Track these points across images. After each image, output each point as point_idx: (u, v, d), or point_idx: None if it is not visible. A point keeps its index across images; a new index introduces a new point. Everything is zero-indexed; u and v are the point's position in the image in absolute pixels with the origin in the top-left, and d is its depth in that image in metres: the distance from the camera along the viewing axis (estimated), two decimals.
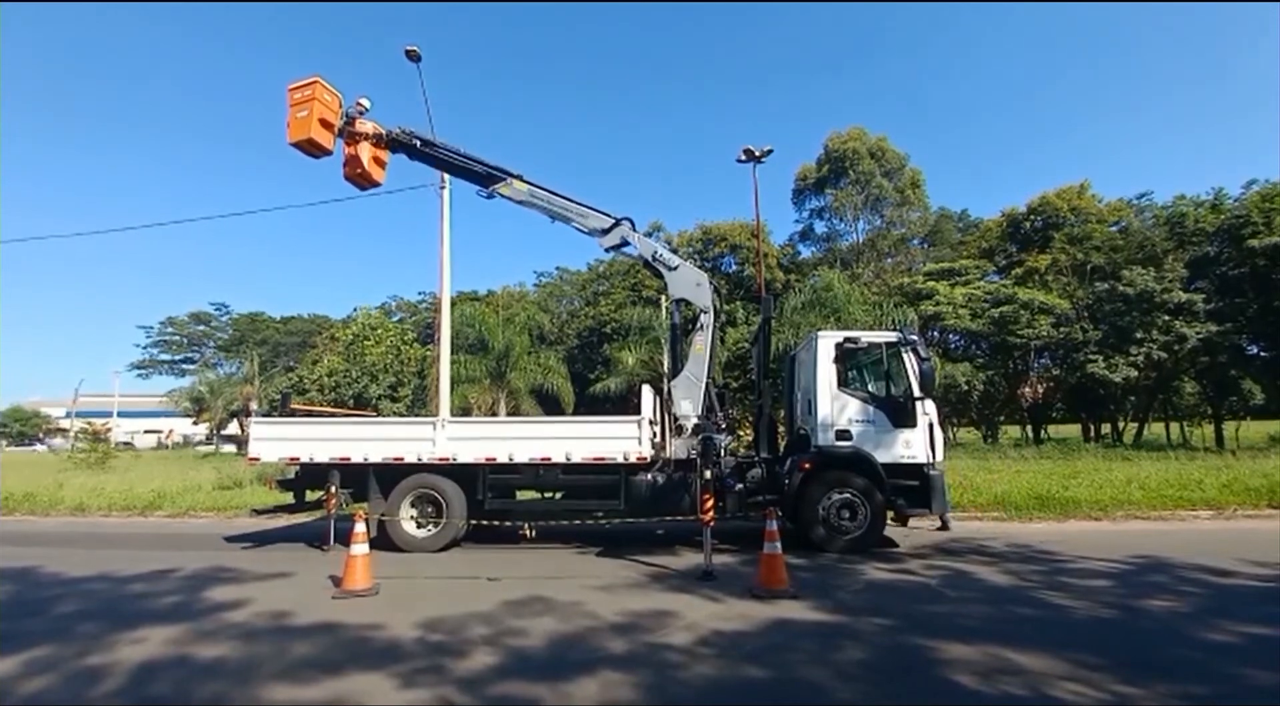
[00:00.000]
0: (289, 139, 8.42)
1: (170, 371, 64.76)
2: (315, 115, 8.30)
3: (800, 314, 22.60)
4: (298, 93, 8.39)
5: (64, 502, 14.49)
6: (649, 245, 9.50)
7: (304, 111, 8.30)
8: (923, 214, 40.07)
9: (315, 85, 8.38)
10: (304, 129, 8.29)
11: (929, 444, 8.07)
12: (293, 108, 8.38)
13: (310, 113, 8.28)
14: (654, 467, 8.38)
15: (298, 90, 8.40)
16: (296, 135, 8.35)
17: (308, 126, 8.28)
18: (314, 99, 8.31)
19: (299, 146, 8.45)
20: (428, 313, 44.72)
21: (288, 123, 8.40)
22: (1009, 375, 29.22)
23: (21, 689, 3.88)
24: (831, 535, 7.86)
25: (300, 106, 8.34)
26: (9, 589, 6.69)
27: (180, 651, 4.53)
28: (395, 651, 4.48)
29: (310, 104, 8.30)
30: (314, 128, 8.30)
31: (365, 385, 27.73)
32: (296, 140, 8.38)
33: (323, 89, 8.44)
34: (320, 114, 8.35)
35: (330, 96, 8.55)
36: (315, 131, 8.32)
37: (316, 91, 8.35)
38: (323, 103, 8.40)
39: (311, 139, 8.32)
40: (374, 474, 8.61)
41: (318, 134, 8.35)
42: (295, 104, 8.37)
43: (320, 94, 8.38)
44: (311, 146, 8.43)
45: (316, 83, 8.40)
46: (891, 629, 4.83)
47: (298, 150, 8.50)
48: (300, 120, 8.31)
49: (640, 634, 4.73)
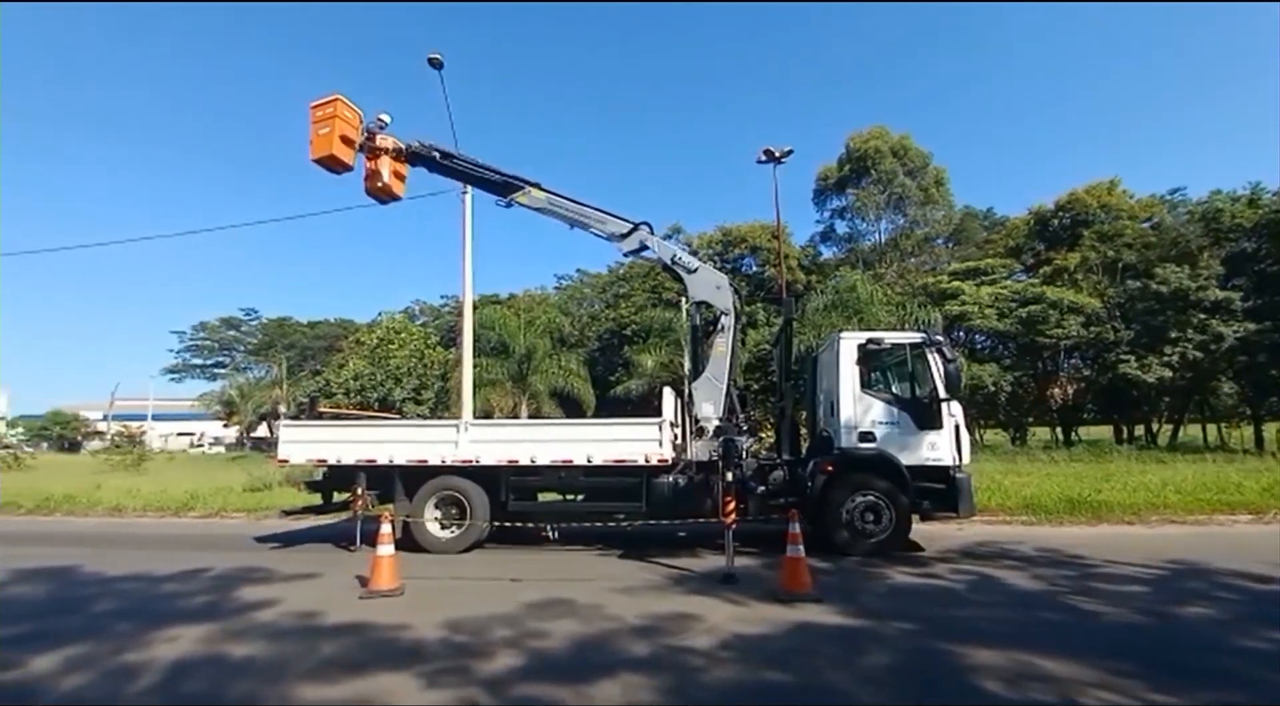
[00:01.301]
0: (312, 156, 8.58)
1: (202, 375, 66.51)
2: (337, 132, 8.45)
3: (822, 315, 22.45)
4: (319, 110, 8.55)
5: (101, 503, 14.95)
6: (668, 249, 9.51)
7: (326, 128, 8.46)
8: (947, 212, 39.41)
9: (336, 102, 8.53)
10: (326, 146, 8.45)
11: (955, 446, 7.94)
12: (315, 125, 8.54)
13: (332, 129, 8.43)
14: (675, 470, 8.37)
15: (319, 108, 8.56)
16: (319, 152, 8.51)
17: (329, 143, 8.43)
18: (335, 116, 8.46)
19: (321, 163, 8.61)
20: (450, 316, 45.23)
21: (310, 140, 8.56)
22: (1038, 376, 28.62)
23: (61, 685, 4.01)
24: (855, 538, 7.78)
25: (322, 123, 8.49)
26: (50, 587, 6.91)
27: (212, 650, 4.64)
28: (420, 651, 4.54)
29: (332, 121, 8.45)
30: (335, 144, 8.45)
31: (390, 388, 28.16)
32: (319, 157, 8.53)
33: (344, 106, 8.59)
34: (341, 131, 8.50)
35: (351, 113, 8.70)
36: (337, 148, 8.47)
37: (338, 108, 8.50)
38: (344, 119, 8.54)
39: (333, 155, 8.47)
40: (399, 475, 8.74)
41: (339, 150, 8.51)
42: (317, 121, 8.53)
43: (341, 111, 8.53)
44: (333, 162, 8.59)
45: (338, 100, 8.56)
46: (916, 633, 4.77)
47: (320, 166, 8.66)
48: (322, 137, 8.46)
49: (661, 636, 4.73)
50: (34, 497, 15.55)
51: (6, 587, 6.88)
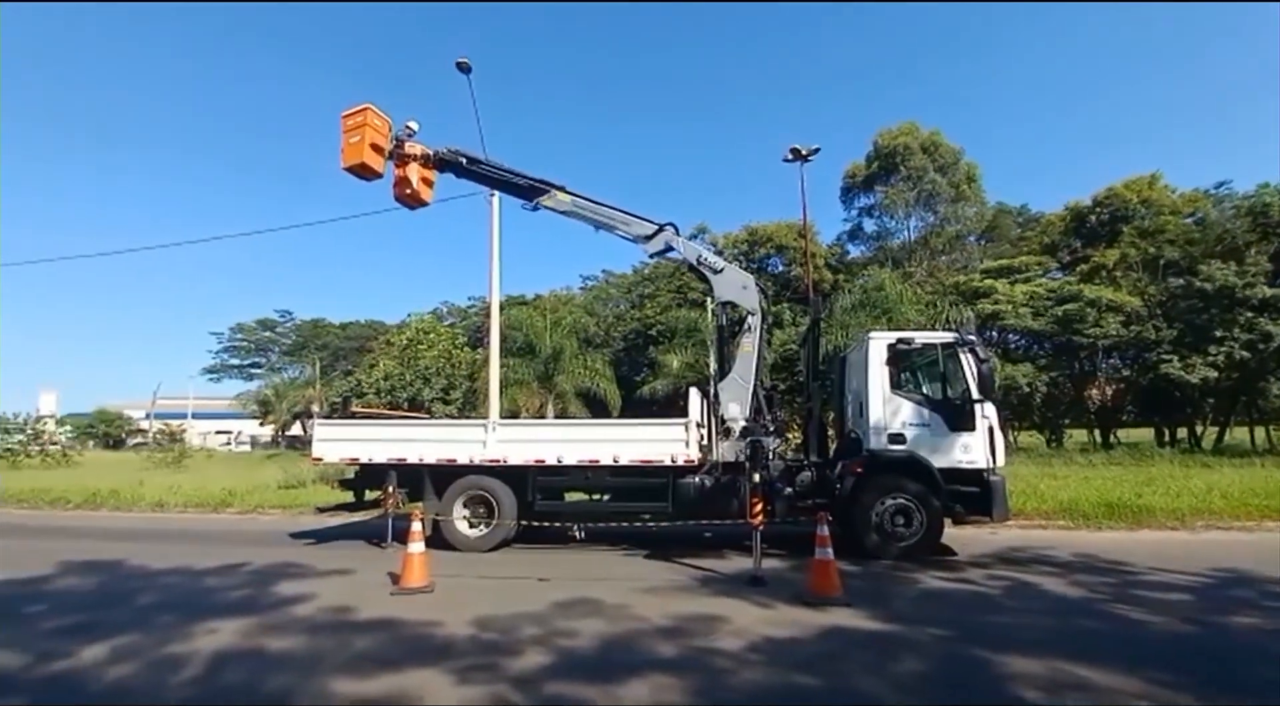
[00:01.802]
0: (343, 164, 8.75)
1: (239, 375, 68.50)
2: (367, 140, 8.61)
3: (850, 314, 22.15)
4: (350, 119, 8.72)
5: (145, 499, 15.46)
6: (693, 249, 9.50)
7: (356, 137, 8.63)
8: (979, 209, 38.54)
9: (367, 111, 8.69)
10: (357, 154, 8.61)
11: (989, 448, 7.78)
12: (346, 134, 8.72)
13: (362, 138, 8.60)
14: (702, 470, 8.35)
15: (350, 117, 8.73)
16: (350, 160, 8.68)
17: (360, 151, 8.59)
18: (365, 125, 8.62)
19: (352, 171, 8.78)
20: (477, 317, 45.78)
21: (341, 148, 8.75)
22: (1074, 376, 27.83)
23: (109, 674, 4.16)
24: (885, 541, 7.67)
25: (353, 132, 8.66)
26: (98, 580, 7.18)
27: (250, 643, 4.77)
28: (451, 648, 4.60)
29: (362, 130, 8.61)
30: (366, 152, 8.60)
31: (419, 388, 28.62)
32: (350, 165, 8.70)
33: (373, 115, 8.75)
34: (371, 139, 8.66)
35: (380, 121, 8.86)
36: (367, 156, 8.63)
37: (368, 117, 8.66)
38: (374, 128, 8.70)
39: (364, 163, 8.63)
40: (428, 474, 8.88)
41: (369, 158, 8.66)
42: (348, 130, 8.71)
43: (371, 120, 8.69)
44: (364, 170, 8.75)
45: (368, 109, 8.72)
46: (949, 639, 4.68)
47: (351, 174, 8.84)
48: (353, 145, 8.64)
49: (689, 638, 4.72)
50: (82, 493, 16.16)
51: (58, 580, 7.16)
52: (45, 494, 16.45)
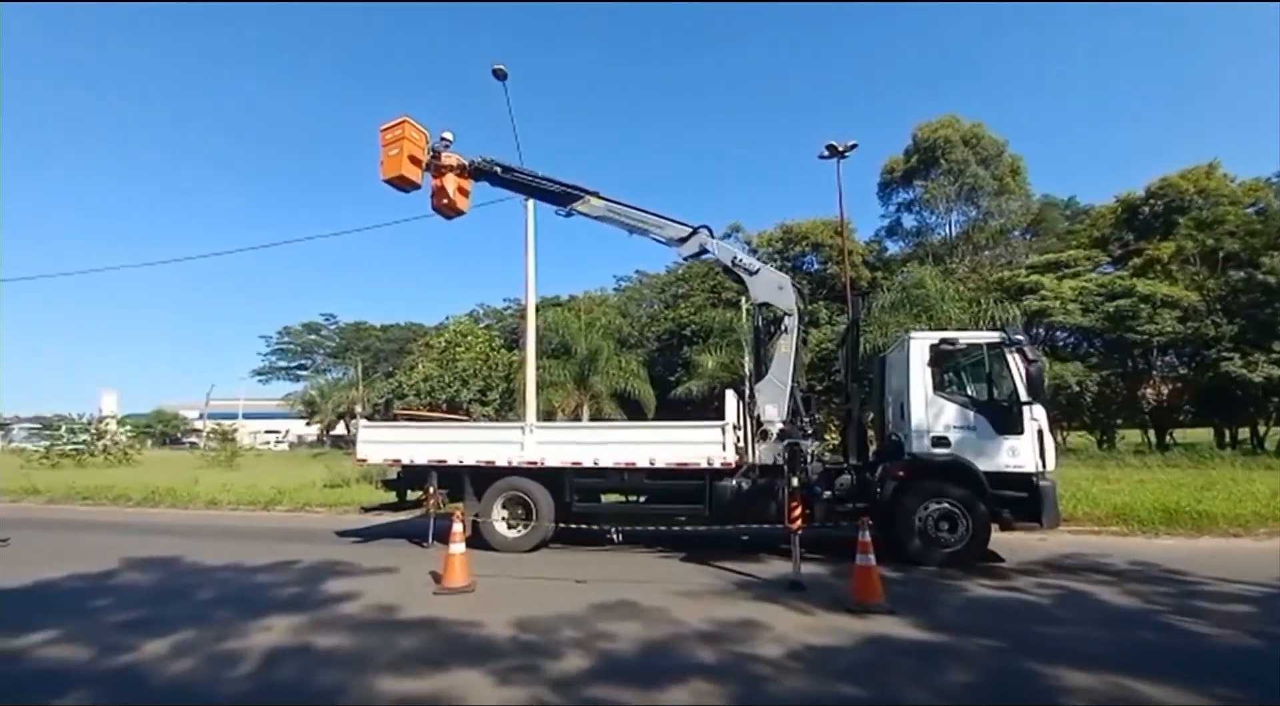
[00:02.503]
0: (382, 176, 8.97)
1: (286, 376, 70.87)
2: (405, 152, 8.81)
3: (889, 313, 21.69)
4: (388, 132, 8.93)
5: (199, 497, 16.11)
6: (728, 251, 9.44)
7: (395, 150, 8.83)
8: (1024, 202, 37.32)
9: (404, 124, 8.89)
10: (396, 166, 8.82)
11: (1038, 452, 7.52)
12: (384, 147, 8.92)
13: (400, 151, 8.80)
14: (739, 473, 8.28)
15: (389, 130, 8.93)
16: (389, 172, 8.89)
17: (399, 164, 8.80)
18: (403, 137, 8.82)
19: (391, 183, 8.99)
20: (512, 318, 46.34)
21: (380, 161, 8.96)
22: (1127, 375, 26.69)
23: (170, 669, 4.34)
24: (929, 547, 7.48)
25: (391, 145, 8.87)
26: (159, 576, 7.51)
27: (302, 640, 4.92)
28: (492, 649, 4.67)
29: (400, 143, 8.81)
30: (404, 164, 8.81)
31: (457, 389, 29.15)
32: (389, 177, 8.91)
33: (411, 127, 8.94)
34: (409, 151, 8.85)
35: (418, 133, 9.04)
36: (405, 168, 8.83)
37: (406, 130, 8.86)
38: (411, 140, 8.89)
39: (402, 175, 8.84)
40: (468, 476, 9.03)
41: (407, 170, 8.86)
42: (387, 143, 8.91)
43: (409, 132, 8.88)
44: (402, 182, 8.96)
45: (405, 122, 8.91)
46: (999, 651, 4.54)
47: (390, 186, 9.05)
48: (392, 158, 8.84)
49: (728, 643, 4.69)
50: (141, 491, 16.94)
51: (121, 575, 7.52)
52: (108, 491, 17.30)
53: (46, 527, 11.93)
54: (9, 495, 16.56)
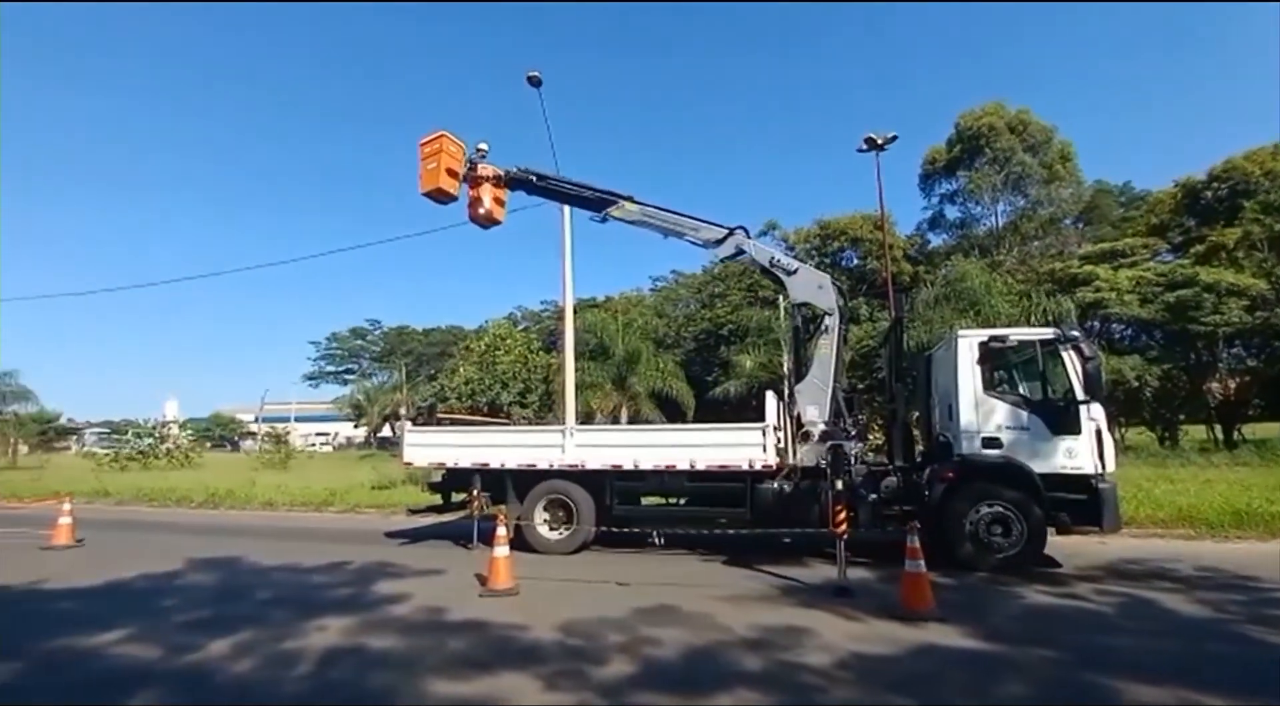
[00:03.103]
0: (421, 189, 9.17)
1: (335, 380, 73.49)
2: (443, 166, 8.98)
3: (933, 309, 21.09)
4: (427, 147, 9.12)
5: (256, 499, 16.78)
6: (765, 252, 9.33)
7: (433, 163, 9.01)
8: (1075, 190, 35.78)
9: (442, 138, 9.07)
10: (434, 179, 9.00)
11: (1097, 452, 7.20)
12: (423, 161, 9.12)
13: (438, 164, 8.98)
14: (780, 475, 8.19)
15: (427, 144, 9.12)
16: (427, 185, 9.08)
17: (437, 177, 8.98)
18: (441, 151, 8.99)
19: (430, 195, 9.18)
20: (549, 320, 46.83)
21: (419, 175, 9.16)
22: (1190, 368, 25.36)
23: (234, 667, 4.52)
24: (981, 552, 7.23)
25: (429, 159, 9.06)
26: (220, 576, 7.84)
27: (355, 641, 5.06)
28: (537, 652, 4.72)
29: (438, 156, 8.99)
30: (442, 177, 8.98)
31: (497, 392, 29.59)
32: (427, 190, 9.10)
33: (448, 141, 9.12)
34: (447, 164, 9.02)
35: (455, 147, 9.21)
36: (444, 181, 9.00)
37: (443, 144, 9.03)
38: (449, 153, 9.06)
39: (440, 188, 9.01)
40: (510, 479, 9.16)
41: (445, 183, 9.03)
42: (425, 157, 9.11)
43: (446, 146, 9.06)
44: (440, 195, 9.14)
45: (443, 136, 9.10)
46: (1059, 662, 4.36)
47: (429, 199, 9.25)
48: (430, 171, 9.03)
49: (774, 651, 4.63)
50: (203, 492, 17.74)
51: (186, 575, 7.87)
52: (172, 493, 18.18)
53: (117, 528, 12.58)
54: (82, 497, 17.50)
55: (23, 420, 42.45)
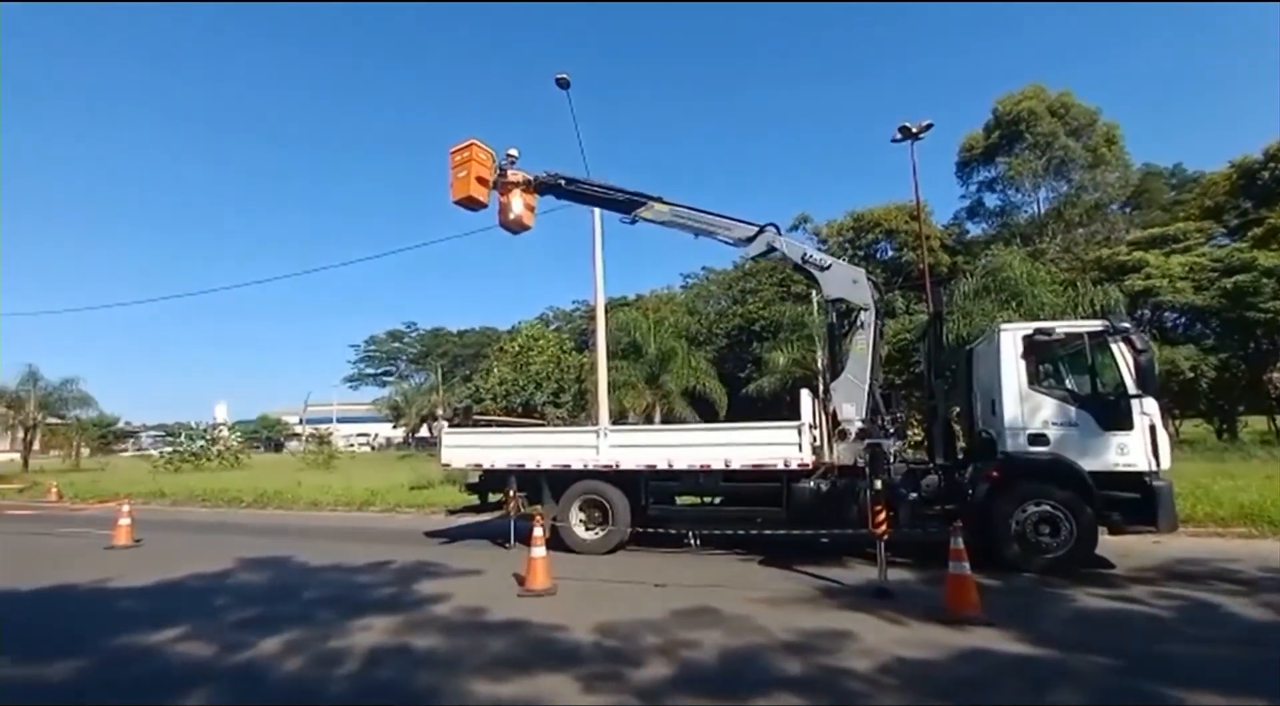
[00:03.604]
0: (452, 197, 9.31)
1: (374, 382, 75.30)
2: (473, 174, 9.10)
3: (972, 300, 20.50)
4: (457, 155, 9.25)
5: (302, 499, 17.31)
6: (797, 248, 9.20)
7: (463, 171, 9.14)
8: (1122, 173, 34.41)
9: (472, 147, 9.19)
10: (465, 187, 9.12)
11: (1151, 448, 6.91)
12: (454, 169, 9.26)
13: (469, 172, 9.10)
14: (817, 474, 8.08)
15: (457, 153, 9.26)
16: (459, 193, 9.21)
17: (467, 185, 9.10)
18: (471, 159, 9.12)
19: (461, 203, 9.31)
20: (581, 319, 47.11)
21: (450, 183, 9.30)
22: (1250, 357, 24.17)
23: (285, 666, 4.66)
24: (1028, 553, 7.00)
25: (460, 167, 9.19)
26: (270, 575, 8.10)
27: (399, 640, 5.17)
28: (576, 654, 4.75)
29: (468, 164, 9.11)
30: (473, 185, 9.10)
31: (531, 392, 29.96)
32: (458, 198, 9.24)
33: (478, 149, 9.23)
34: (477, 172, 9.14)
35: (485, 154, 9.33)
36: (474, 188, 9.12)
37: (473, 152, 9.16)
38: (479, 161, 9.18)
39: (471, 196, 9.13)
40: (545, 479, 9.24)
41: (476, 190, 9.15)
42: (456, 165, 9.25)
43: (476, 154, 9.18)
44: (471, 202, 9.26)
45: (473, 144, 9.21)
46: (1115, 669, 4.19)
47: (460, 206, 9.38)
48: (461, 179, 9.16)
49: (815, 655, 4.56)
50: (252, 493, 18.39)
51: (238, 574, 8.16)
52: (223, 493, 18.89)
53: (172, 529, 13.12)
54: (140, 498, 18.31)
55: (84, 424, 44.52)
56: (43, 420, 36.54)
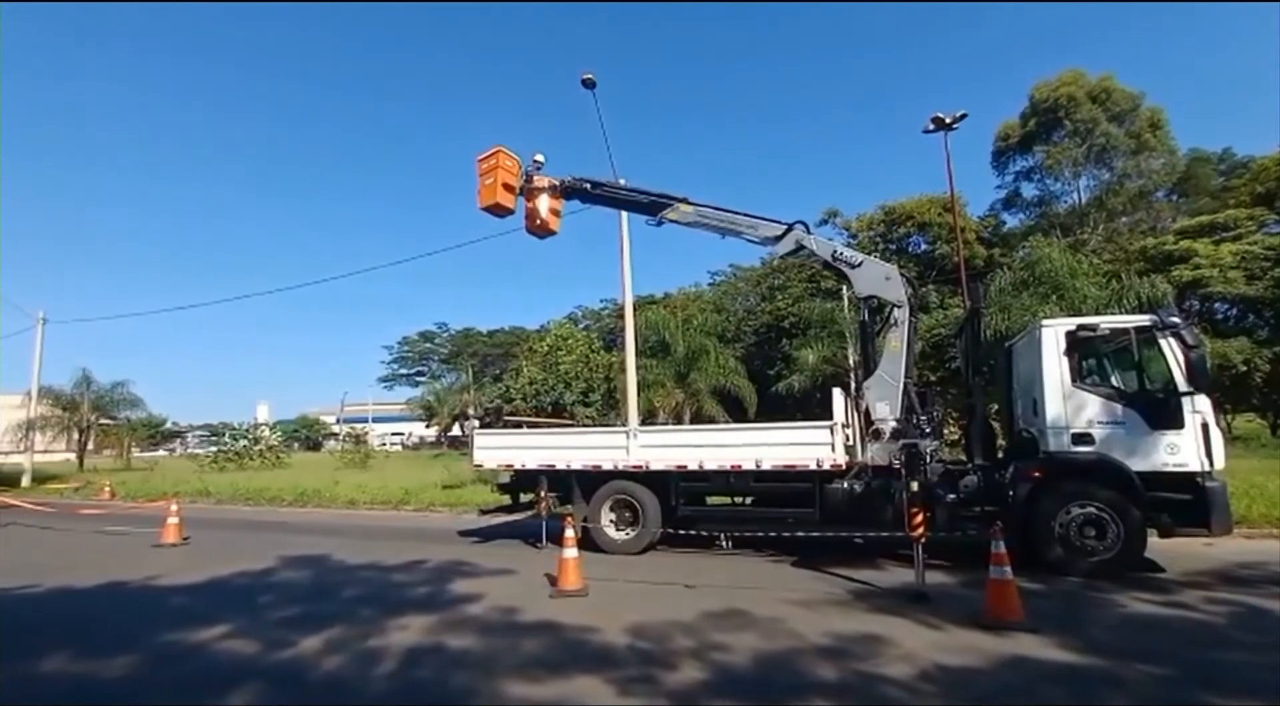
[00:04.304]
0: (480, 205, 9.41)
1: (407, 382, 76.78)
2: (500, 181, 9.19)
3: (1011, 294, 19.92)
4: (484, 163, 9.35)
5: (340, 498, 17.72)
6: (826, 246, 9.06)
7: (490, 179, 9.24)
8: (1168, 160, 33.11)
9: (498, 154, 9.28)
10: (492, 195, 9.23)
11: (1203, 448, 6.63)
12: (481, 177, 9.36)
13: (495, 179, 9.20)
14: (850, 475, 7.95)
15: (484, 161, 9.36)
16: (486, 201, 9.32)
17: (494, 192, 9.20)
18: (498, 167, 9.21)
19: (488, 210, 9.42)
20: (610, 318, 47.24)
21: (478, 190, 9.40)
22: None
23: (326, 664, 4.77)
24: (1072, 556, 6.79)
25: (486, 175, 9.29)
26: (310, 573, 8.30)
27: (435, 640, 5.25)
28: (609, 656, 4.76)
29: (495, 172, 9.21)
30: (500, 192, 9.20)
31: (561, 392, 30.17)
32: (486, 205, 9.34)
33: (504, 156, 9.33)
34: (503, 179, 9.23)
35: (511, 161, 9.41)
36: (500, 195, 9.22)
37: (499, 159, 9.25)
38: (505, 168, 9.27)
39: (498, 203, 9.24)
40: (576, 480, 9.30)
41: (502, 197, 9.25)
42: (483, 173, 9.35)
43: (503, 161, 9.27)
44: (498, 209, 9.36)
45: (499, 152, 9.31)
46: (1167, 679, 4.03)
47: (487, 213, 9.48)
48: (488, 187, 9.27)
49: (851, 661, 4.49)
50: (293, 492, 18.91)
51: (280, 572, 8.38)
52: (265, 492, 19.47)
53: (217, 527, 13.55)
54: (186, 496, 18.97)
55: (134, 425, 46.27)
56: (96, 422, 38.00)
